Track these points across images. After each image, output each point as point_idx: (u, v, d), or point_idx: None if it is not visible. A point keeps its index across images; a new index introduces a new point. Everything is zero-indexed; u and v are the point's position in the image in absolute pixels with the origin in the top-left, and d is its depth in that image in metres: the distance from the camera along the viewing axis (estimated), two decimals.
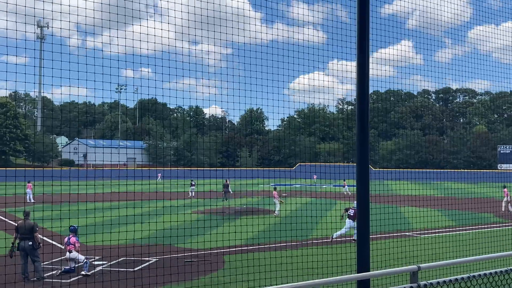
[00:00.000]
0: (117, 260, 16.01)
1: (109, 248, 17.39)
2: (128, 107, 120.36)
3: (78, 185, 9.89)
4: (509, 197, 31.86)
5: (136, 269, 14.60)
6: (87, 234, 14.62)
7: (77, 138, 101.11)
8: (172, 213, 20.31)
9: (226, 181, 41.33)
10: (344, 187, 48.28)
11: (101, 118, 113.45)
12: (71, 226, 15.45)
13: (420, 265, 4.84)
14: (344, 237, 19.50)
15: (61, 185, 9.73)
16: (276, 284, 12.09)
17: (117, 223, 17.66)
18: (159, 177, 67.27)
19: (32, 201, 36.15)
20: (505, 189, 32.39)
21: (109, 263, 15.66)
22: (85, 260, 15.01)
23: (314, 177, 67.42)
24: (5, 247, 13.75)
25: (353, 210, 20.50)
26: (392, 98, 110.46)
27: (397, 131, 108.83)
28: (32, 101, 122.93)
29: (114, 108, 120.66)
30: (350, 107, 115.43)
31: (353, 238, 19.55)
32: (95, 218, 16.93)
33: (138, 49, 10.08)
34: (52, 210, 15.28)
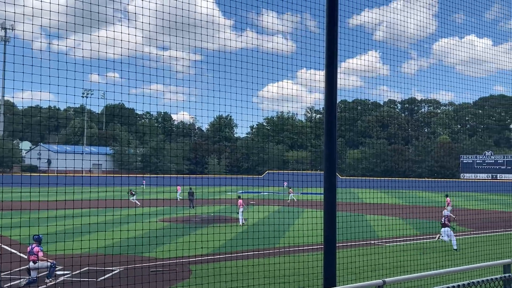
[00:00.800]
0: (79, 270, 15.57)
1: (71, 257, 16.87)
2: (94, 112, 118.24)
3: (39, 192, 9.57)
4: (450, 205, 33.27)
5: (100, 279, 14.24)
6: (48, 242, 14.20)
7: (40, 144, 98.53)
8: (138, 221, 19.97)
9: (190, 188, 41.09)
10: (289, 194, 49.60)
11: (66, 123, 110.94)
12: (35, 235, 14.84)
13: (386, 279, 4.85)
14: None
15: (21, 192, 9.40)
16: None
17: (79, 232, 17.17)
18: (143, 184, 66.66)
19: None
20: (448, 198, 33.83)
21: (72, 273, 15.21)
22: (52, 264, 14.48)
23: (285, 184, 67.70)
24: None
25: (444, 218, 21.28)
26: (359, 108, 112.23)
27: (364, 140, 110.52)
28: None
29: (80, 113, 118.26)
30: (318, 116, 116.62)
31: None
32: (56, 226, 16.45)
33: (105, 53, 9.89)
34: (11, 218, 14.76)
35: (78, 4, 9.32)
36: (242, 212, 29.11)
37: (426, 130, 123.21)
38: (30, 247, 15.15)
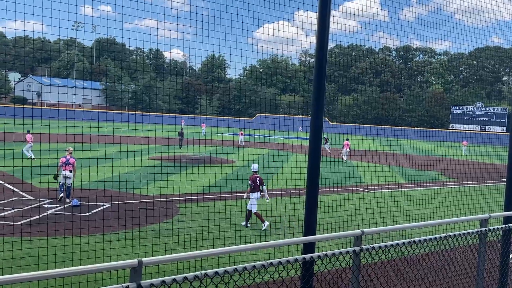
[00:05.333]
0: (69, 204, 15.93)
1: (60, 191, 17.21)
2: (85, 45, 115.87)
3: (32, 124, 9.63)
4: (349, 148, 35.62)
5: (90, 213, 14.60)
6: (41, 175, 14.42)
7: (30, 75, 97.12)
8: (129, 158, 20.20)
9: (181, 128, 41.41)
10: (240, 135, 49.62)
11: (57, 55, 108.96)
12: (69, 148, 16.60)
13: (364, 230, 5.08)
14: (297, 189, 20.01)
15: (14, 123, 9.45)
16: (231, 231, 12.40)
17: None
18: (182, 124, 64.95)
19: None
20: (347, 141, 35.65)
21: (62, 207, 15.56)
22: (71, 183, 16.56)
23: (300, 128, 67.38)
24: None
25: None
26: (353, 53, 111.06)
27: (356, 87, 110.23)
28: None
29: (70, 46, 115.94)
30: (312, 60, 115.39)
31: None
32: (49, 159, 16.65)
33: None
34: (4, 149, 14.91)
35: None
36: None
37: (419, 79, 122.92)
38: (65, 158, 16.67)
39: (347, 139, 35.38)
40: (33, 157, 25.88)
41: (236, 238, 12.14)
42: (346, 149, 35.58)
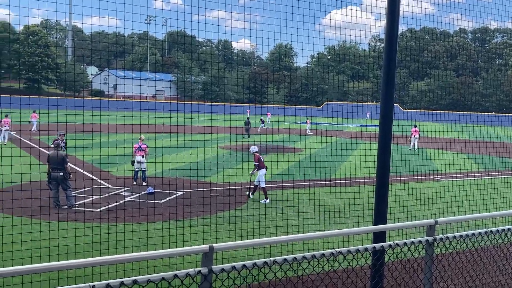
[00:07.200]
0: (145, 192, 16.60)
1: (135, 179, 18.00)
2: (157, 39, 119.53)
3: (109, 115, 10.12)
4: (418, 134, 34.23)
5: (163, 201, 15.15)
6: (117, 163, 15.15)
7: (107, 69, 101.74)
8: (199, 147, 20.70)
9: (247, 118, 41.93)
10: (307, 123, 48.86)
11: (131, 49, 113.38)
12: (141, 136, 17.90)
13: (438, 219, 4.88)
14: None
15: (92, 115, 9.98)
16: (299, 219, 12.43)
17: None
18: (248, 113, 65.75)
19: (37, 130, 36.35)
20: (415, 127, 34.15)
21: (138, 194, 16.26)
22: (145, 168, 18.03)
23: (368, 115, 66.24)
24: (39, 173, 14.33)
25: None
26: (427, 37, 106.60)
27: (430, 71, 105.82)
28: (63, 30, 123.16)
29: (143, 40, 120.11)
30: (383, 45, 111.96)
31: None
32: (125, 148, 17.44)
33: None
34: (84, 139, 15.75)
35: None
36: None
37: (497, 62, 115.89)
38: (138, 144, 18.03)
39: (415, 126, 34.10)
40: (5, 142, 28.30)
41: (304, 226, 12.14)
42: (414, 136, 34.35)
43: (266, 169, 16.43)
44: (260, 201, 15.73)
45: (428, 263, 4.98)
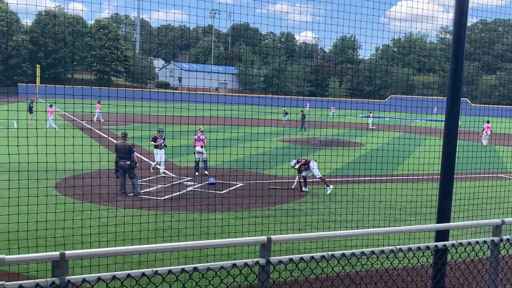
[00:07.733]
0: (206, 182, 16.98)
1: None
2: (220, 32, 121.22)
3: (173, 107, 10.43)
4: (490, 131, 32.53)
5: (224, 191, 15.42)
6: (181, 154, 15.58)
7: (172, 61, 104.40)
8: (259, 140, 20.85)
9: (302, 111, 41.83)
10: (369, 117, 47.75)
11: (195, 42, 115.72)
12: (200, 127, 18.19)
13: (505, 219, 4.67)
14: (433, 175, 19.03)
15: (158, 107, 10.32)
16: (358, 214, 12.28)
17: (207, 146, 18.59)
18: (308, 107, 64.83)
19: (102, 120, 37.92)
20: (487, 123, 32.55)
21: (200, 184, 16.65)
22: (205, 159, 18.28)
23: (435, 109, 64.30)
24: (108, 162, 14.99)
25: None
26: (500, 29, 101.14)
27: (502, 65, 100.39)
28: (131, 24, 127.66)
29: (208, 33, 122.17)
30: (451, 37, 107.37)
31: None
32: (188, 140, 17.89)
33: None
34: (150, 130, 16.31)
35: None
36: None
37: None
38: (197, 135, 18.29)
39: (488, 122, 32.52)
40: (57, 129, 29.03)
41: (364, 222, 11.99)
42: (486, 132, 32.75)
43: (316, 161, 16.32)
44: (326, 193, 15.74)
45: (493, 264, 4.80)
